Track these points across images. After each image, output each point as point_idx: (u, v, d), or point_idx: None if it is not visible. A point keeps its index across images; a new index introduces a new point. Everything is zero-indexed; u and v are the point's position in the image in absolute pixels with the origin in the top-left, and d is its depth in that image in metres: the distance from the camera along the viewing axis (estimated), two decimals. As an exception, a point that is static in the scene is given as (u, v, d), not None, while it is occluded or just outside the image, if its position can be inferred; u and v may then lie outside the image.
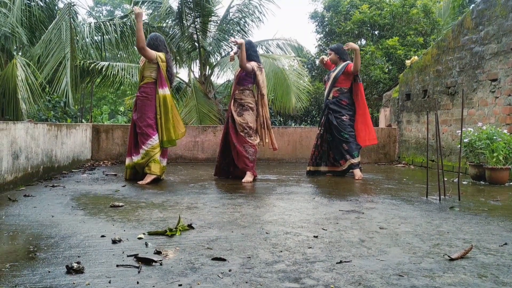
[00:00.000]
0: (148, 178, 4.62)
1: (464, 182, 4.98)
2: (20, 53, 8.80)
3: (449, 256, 2.06)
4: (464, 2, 12.78)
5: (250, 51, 5.08)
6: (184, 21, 10.26)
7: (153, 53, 4.71)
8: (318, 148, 5.55)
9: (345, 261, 1.99)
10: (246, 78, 5.04)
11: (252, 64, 5.01)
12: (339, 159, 5.43)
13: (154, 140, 4.70)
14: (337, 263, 1.97)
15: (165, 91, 4.74)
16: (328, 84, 5.56)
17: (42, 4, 9.03)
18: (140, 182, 4.59)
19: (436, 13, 11.89)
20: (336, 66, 5.54)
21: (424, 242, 2.36)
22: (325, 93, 5.64)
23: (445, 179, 4.14)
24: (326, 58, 5.66)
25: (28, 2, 8.46)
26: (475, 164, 5.09)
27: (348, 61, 5.49)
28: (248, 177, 4.89)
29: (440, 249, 2.23)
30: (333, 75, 5.49)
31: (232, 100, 5.11)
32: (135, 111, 4.85)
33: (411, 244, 2.30)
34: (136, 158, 4.72)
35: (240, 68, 5.08)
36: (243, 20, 11.17)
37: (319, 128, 5.59)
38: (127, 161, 4.85)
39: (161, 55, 4.78)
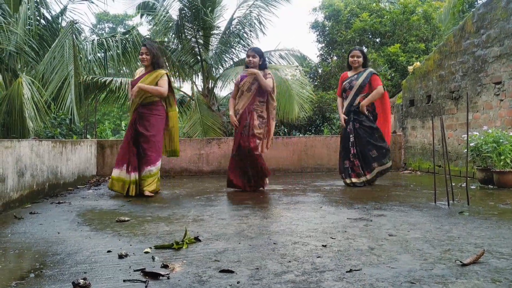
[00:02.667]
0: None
1: (472, 187, 4.93)
2: (24, 72, 8.87)
3: (461, 262, 2.02)
4: (464, 8, 12.79)
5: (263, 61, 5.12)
6: (184, 35, 10.33)
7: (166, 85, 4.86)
8: (357, 157, 5.25)
9: (355, 270, 1.96)
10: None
11: (268, 76, 5.05)
12: (366, 168, 5.22)
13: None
14: (346, 272, 1.94)
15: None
16: (351, 92, 5.28)
17: (44, 23, 9.14)
18: (150, 194, 4.68)
19: (436, 19, 11.93)
20: (358, 73, 5.31)
21: (435, 248, 2.32)
22: (348, 100, 5.32)
23: (453, 184, 4.10)
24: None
25: (31, 21, 8.56)
26: (483, 168, 5.04)
27: (369, 69, 5.34)
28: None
29: (451, 254, 2.19)
30: (357, 83, 5.25)
31: None
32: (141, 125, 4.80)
33: (422, 251, 2.26)
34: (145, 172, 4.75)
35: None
36: (243, 31, 11.24)
37: (351, 135, 5.28)
38: (132, 176, 4.69)
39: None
